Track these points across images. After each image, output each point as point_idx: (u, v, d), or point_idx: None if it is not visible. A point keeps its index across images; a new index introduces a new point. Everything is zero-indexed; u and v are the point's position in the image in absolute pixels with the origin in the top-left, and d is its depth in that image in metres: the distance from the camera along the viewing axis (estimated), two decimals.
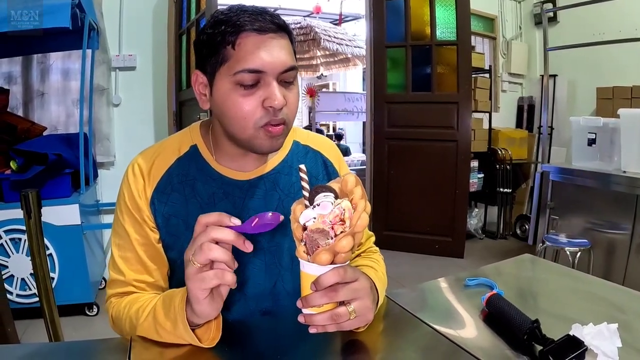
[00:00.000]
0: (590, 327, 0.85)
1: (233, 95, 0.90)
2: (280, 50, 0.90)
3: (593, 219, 3.17)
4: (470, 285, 1.19)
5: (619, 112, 2.98)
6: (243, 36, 0.88)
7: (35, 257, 1.87)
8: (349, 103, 7.95)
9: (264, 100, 0.90)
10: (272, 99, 0.88)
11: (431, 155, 4.38)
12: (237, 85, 0.90)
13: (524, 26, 5.59)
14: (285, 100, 0.90)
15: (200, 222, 0.79)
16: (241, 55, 0.88)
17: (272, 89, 0.89)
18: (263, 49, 0.88)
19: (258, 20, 0.88)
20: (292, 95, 0.94)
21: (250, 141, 0.94)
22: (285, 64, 0.90)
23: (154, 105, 3.88)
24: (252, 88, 0.90)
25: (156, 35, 3.84)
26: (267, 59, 0.88)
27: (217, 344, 0.87)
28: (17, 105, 3.57)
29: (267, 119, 0.91)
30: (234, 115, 0.92)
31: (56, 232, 2.93)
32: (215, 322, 0.88)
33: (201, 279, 0.77)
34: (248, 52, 0.88)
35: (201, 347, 0.87)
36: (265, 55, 0.88)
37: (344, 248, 0.73)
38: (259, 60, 0.87)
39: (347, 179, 0.80)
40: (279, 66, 0.89)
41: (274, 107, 0.89)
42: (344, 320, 0.82)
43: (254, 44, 0.88)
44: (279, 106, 0.89)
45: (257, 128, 0.92)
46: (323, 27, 7.78)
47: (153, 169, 1.03)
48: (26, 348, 1.06)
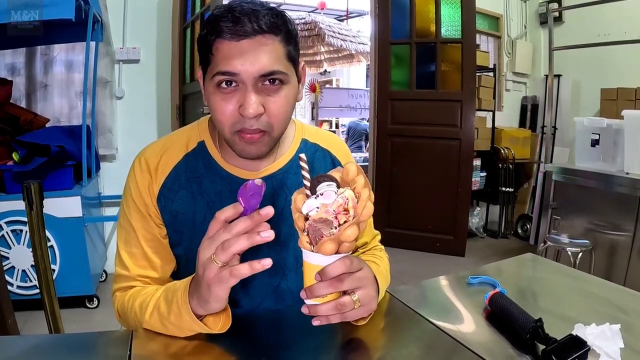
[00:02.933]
0: (593, 327, 0.84)
1: (214, 97, 0.90)
2: (257, 55, 0.86)
3: (595, 219, 3.17)
4: (472, 284, 1.19)
5: (623, 114, 2.97)
6: (219, 42, 0.87)
7: (36, 249, 1.87)
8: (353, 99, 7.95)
9: (240, 106, 0.88)
10: (245, 107, 0.87)
11: (434, 153, 4.37)
12: (217, 88, 0.89)
13: (529, 25, 5.57)
14: (262, 108, 0.88)
15: (218, 219, 0.77)
16: (218, 60, 0.87)
17: (246, 95, 0.87)
18: (236, 54, 0.86)
19: (239, 23, 0.85)
20: (277, 101, 0.90)
21: (229, 143, 0.94)
22: (262, 69, 0.86)
23: (157, 98, 3.87)
24: (230, 92, 0.88)
25: (160, 28, 3.82)
26: (239, 63, 0.85)
27: (220, 339, 0.87)
28: (20, 96, 3.57)
29: (241, 125, 0.89)
30: (215, 117, 0.92)
31: (58, 224, 2.92)
32: (224, 311, 0.87)
33: (220, 279, 0.76)
34: (223, 57, 0.87)
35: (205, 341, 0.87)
36: (239, 60, 0.85)
37: (349, 237, 0.73)
38: (231, 65, 0.86)
39: (349, 168, 0.79)
40: (254, 71, 0.86)
41: (246, 115, 0.87)
42: (348, 310, 0.82)
43: (229, 49, 0.86)
44: (251, 115, 0.87)
45: (233, 133, 0.91)
46: (327, 23, 7.78)
47: (160, 165, 1.02)
48: (27, 340, 1.06)
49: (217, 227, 0.77)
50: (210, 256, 0.76)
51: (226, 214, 0.77)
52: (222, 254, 0.74)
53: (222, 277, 0.76)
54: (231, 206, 0.77)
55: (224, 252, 0.74)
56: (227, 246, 0.74)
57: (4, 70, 3.54)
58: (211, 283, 0.77)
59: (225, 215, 0.77)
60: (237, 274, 0.75)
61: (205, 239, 0.79)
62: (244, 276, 0.75)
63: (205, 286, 0.78)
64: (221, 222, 0.77)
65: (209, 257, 0.76)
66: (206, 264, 0.77)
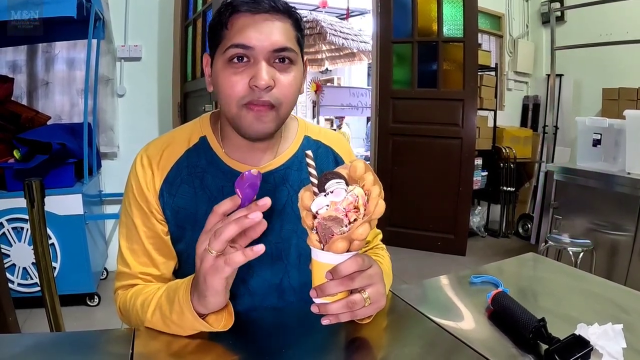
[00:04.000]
0: (596, 327, 0.84)
1: (224, 73, 0.91)
2: (272, 30, 0.90)
3: (596, 219, 3.16)
4: (475, 283, 1.19)
5: (625, 113, 2.96)
6: (236, 17, 0.90)
7: (37, 247, 1.87)
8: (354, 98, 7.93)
9: (250, 79, 0.89)
10: (257, 78, 0.88)
11: (435, 152, 4.37)
12: (228, 62, 0.90)
13: (531, 25, 5.56)
14: (273, 82, 0.90)
15: (216, 212, 0.77)
16: (232, 34, 0.89)
17: (258, 67, 0.89)
18: (252, 27, 0.89)
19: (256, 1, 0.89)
20: (287, 78, 0.93)
21: (235, 121, 0.94)
22: (275, 43, 0.89)
23: (159, 96, 3.87)
24: (242, 67, 0.90)
25: (162, 26, 3.82)
26: (255, 36, 0.88)
27: (223, 337, 0.87)
28: (22, 94, 3.57)
29: (251, 97, 0.90)
30: (222, 93, 0.92)
31: (59, 222, 2.93)
32: (226, 308, 0.88)
33: (215, 269, 0.76)
34: (238, 30, 0.89)
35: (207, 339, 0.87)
36: (254, 33, 0.88)
37: (361, 235, 0.73)
38: (246, 37, 0.88)
39: (356, 165, 0.78)
40: (267, 45, 0.89)
41: (258, 86, 0.88)
42: (359, 308, 0.81)
43: (245, 22, 0.89)
44: (263, 86, 0.88)
45: (240, 106, 0.91)
46: (329, 21, 7.77)
47: (162, 160, 1.02)
48: (28, 338, 1.06)
49: (215, 221, 0.78)
50: (205, 248, 0.77)
51: (224, 207, 0.77)
52: (214, 242, 0.74)
53: (217, 266, 0.76)
54: (228, 199, 0.77)
55: (216, 240, 0.74)
56: (219, 234, 0.74)
57: (5, 68, 3.54)
58: (206, 274, 0.77)
59: (224, 208, 0.77)
60: (231, 262, 0.74)
61: (203, 233, 0.79)
62: (238, 264, 0.75)
63: (202, 279, 0.79)
64: (219, 215, 0.77)
65: (205, 249, 0.77)
66: (202, 256, 0.78)
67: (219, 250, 0.75)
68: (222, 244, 0.75)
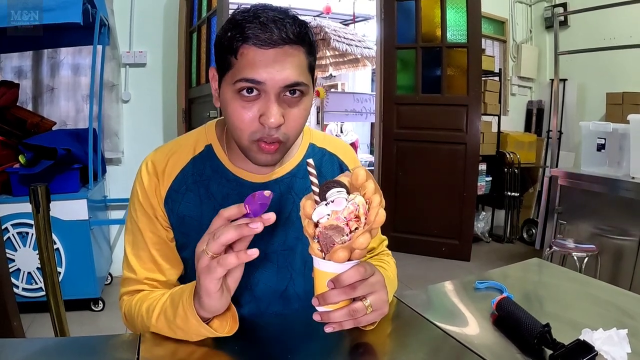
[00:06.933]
0: (600, 332, 0.84)
1: (233, 103, 0.89)
2: (284, 65, 0.85)
3: (601, 224, 3.16)
4: (480, 288, 1.19)
5: (629, 118, 2.96)
6: (245, 47, 0.86)
7: (42, 252, 1.88)
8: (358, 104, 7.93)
9: (260, 115, 0.87)
10: (267, 116, 0.86)
11: (440, 157, 4.37)
12: (237, 94, 0.88)
13: (534, 30, 5.56)
14: (283, 119, 0.87)
15: (221, 215, 0.78)
16: (242, 66, 0.86)
17: (269, 105, 0.86)
18: (263, 63, 0.85)
19: (267, 30, 0.84)
20: (296, 112, 0.90)
21: (245, 151, 0.94)
22: (287, 79, 0.86)
23: (164, 102, 3.89)
24: (252, 100, 0.87)
25: (167, 32, 3.84)
26: (265, 73, 0.85)
27: (228, 343, 0.87)
28: (27, 99, 3.59)
29: (261, 134, 0.89)
30: (232, 124, 0.91)
31: (63, 227, 2.94)
32: (230, 314, 0.88)
33: (209, 269, 0.76)
34: (248, 63, 0.85)
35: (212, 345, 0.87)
36: (265, 70, 0.84)
37: (362, 245, 0.73)
38: (257, 72, 0.85)
39: (358, 173, 0.78)
40: (279, 80, 0.85)
41: (268, 125, 0.86)
42: (361, 315, 0.81)
43: (255, 56, 0.85)
44: (273, 125, 0.86)
45: (251, 141, 0.90)
46: (333, 27, 7.77)
47: (167, 168, 1.02)
48: (34, 343, 1.06)
49: (219, 224, 0.78)
50: (203, 248, 0.77)
51: (230, 212, 0.77)
52: (212, 243, 0.75)
53: (210, 266, 0.76)
54: (236, 205, 0.77)
55: (214, 242, 0.75)
56: (217, 236, 0.74)
57: (11, 73, 3.56)
58: (201, 274, 0.78)
59: (229, 213, 0.77)
60: (224, 263, 0.75)
61: (206, 234, 0.80)
62: (231, 266, 0.75)
63: (198, 279, 0.79)
64: (224, 219, 0.78)
65: (202, 249, 0.77)
66: (199, 256, 0.78)
67: (215, 252, 0.75)
68: (219, 247, 0.75)
